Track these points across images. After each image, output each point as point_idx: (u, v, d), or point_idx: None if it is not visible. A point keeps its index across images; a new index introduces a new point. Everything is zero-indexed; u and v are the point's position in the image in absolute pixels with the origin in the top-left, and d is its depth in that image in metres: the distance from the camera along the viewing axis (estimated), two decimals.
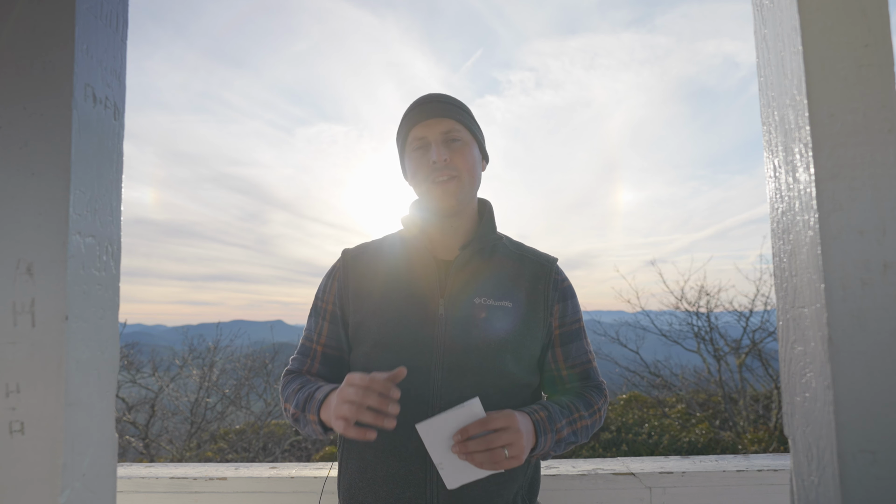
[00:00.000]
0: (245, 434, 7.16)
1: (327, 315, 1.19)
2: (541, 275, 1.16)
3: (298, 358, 1.21)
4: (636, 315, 8.33)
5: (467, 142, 1.12)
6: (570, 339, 1.18)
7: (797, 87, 0.47)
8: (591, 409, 1.14)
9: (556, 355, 1.18)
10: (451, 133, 1.10)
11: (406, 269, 1.14)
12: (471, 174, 1.11)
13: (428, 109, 1.11)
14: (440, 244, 1.16)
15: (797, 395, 0.48)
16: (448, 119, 1.10)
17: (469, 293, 1.10)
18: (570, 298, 1.19)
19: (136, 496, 1.61)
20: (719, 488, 1.59)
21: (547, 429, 1.02)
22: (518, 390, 1.11)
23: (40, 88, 0.44)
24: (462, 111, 1.14)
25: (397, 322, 1.09)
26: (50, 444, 0.42)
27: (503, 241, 1.20)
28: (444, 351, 1.06)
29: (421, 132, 1.11)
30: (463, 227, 1.16)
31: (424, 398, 1.05)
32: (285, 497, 1.59)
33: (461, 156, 1.10)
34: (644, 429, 6.78)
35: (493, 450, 0.91)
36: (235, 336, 8.93)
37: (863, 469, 0.42)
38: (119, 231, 0.50)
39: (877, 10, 0.46)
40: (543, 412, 1.04)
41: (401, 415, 1.02)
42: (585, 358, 1.20)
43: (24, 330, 0.43)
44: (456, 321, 1.08)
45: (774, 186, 0.51)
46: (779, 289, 0.51)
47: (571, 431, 1.09)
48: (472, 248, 1.13)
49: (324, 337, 1.18)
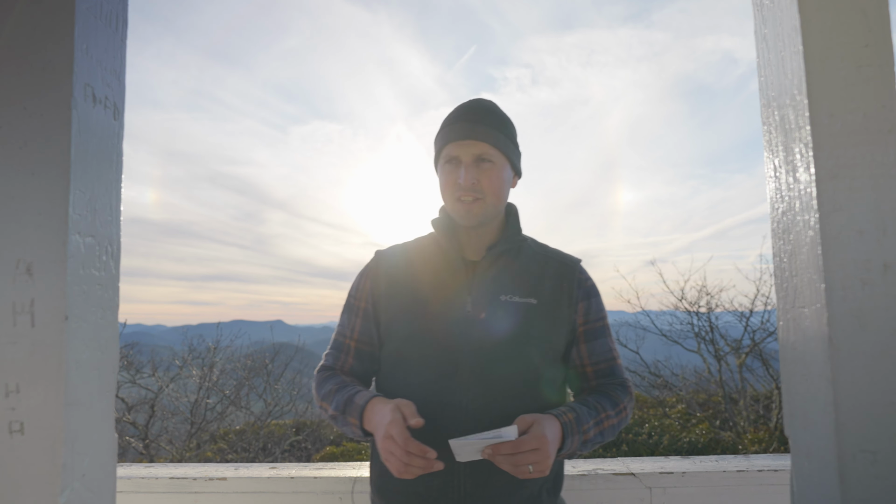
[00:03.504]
0: (245, 434, 7.16)
1: (360, 312, 1.24)
2: (565, 274, 1.21)
3: (332, 353, 1.27)
4: (636, 315, 8.33)
5: (498, 164, 1.15)
6: (595, 336, 1.22)
7: (797, 87, 0.47)
8: (618, 408, 1.17)
9: (581, 352, 1.22)
10: (482, 155, 1.14)
11: (435, 269, 1.19)
12: (496, 196, 1.15)
13: (465, 130, 1.15)
14: (468, 245, 1.21)
15: (797, 396, 0.48)
16: (482, 143, 1.13)
17: (495, 291, 1.15)
18: (593, 297, 1.23)
19: (136, 496, 1.61)
20: (719, 488, 1.59)
21: (574, 430, 1.05)
22: (543, 383, 1.15)
23: (40, 88, 0.44)
24: (499, 133, 1.16)
25: (427, 319, 1.14)
26: (50, 444, 0.42)
27: (528, 242, 1.25)
28: (472, 346, 1.11)
29: (454, 151, 1.15)
30: (490, 230, 1.21)
31: (452, 390, 1.09)
32: (285, 497, 1.59)
33: (489, 178, 1.14)
34: (644, 429, 6.78)
35: (520, 466, 0.95)
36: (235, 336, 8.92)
37: (863, 469, 0.42)
38: (119, 231, 0.49)
39: (877, 10, 0.46)
40: (571, 414, 1.07)
41: (429, 406, 1.08)
42: (610, 355, 1.23)
43: (24, 330, 0.42)
44: (483, 318, 1.12)
45: (775, 186, 0.51)
46: (779, 289, 0.51)
47: (598, 432, 1.12)
48: (499, 249, 1.18)
49: (357, 333, 1.24)
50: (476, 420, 1.08)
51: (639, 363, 8.19)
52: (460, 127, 1.15)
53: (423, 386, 1.11)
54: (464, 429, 1.07)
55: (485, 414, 1.08)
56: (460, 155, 1.14)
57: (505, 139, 1.17)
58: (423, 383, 1.12)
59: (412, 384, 1.13)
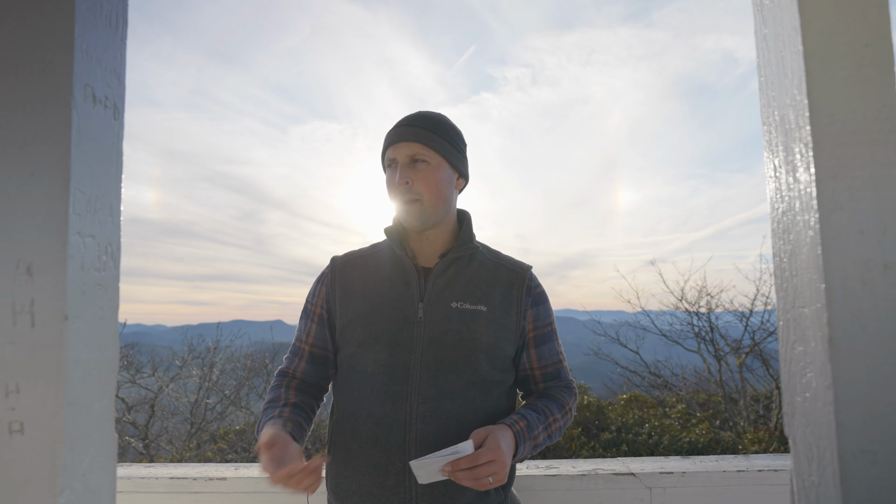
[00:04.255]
0: (245, 434, 7.16)
1: (315, 318, 1.28)
2: (515, 281, 1.24)
3: (289, 357, 1.32)
4: (636, 315, 8.34)
5: (433, 164, 1.18)
6: (543, 341, 1.27)
7: (797, 87, 0.47)
8: (563, 410, 1.24)
9: (531, 356, 1.27)
10: (416, 155, 1.17)
11: (389, 276, 1.22)
12: (434, 195, 1.18)
13: (399, 132, 1.19)
14: (420, 253, 1.24)
15: (797, 396, 0.48)
16: (415, 143, 1.17)
17: (446, 298, 1.18)
18: (542, 303, 1.27)
19: (136, 496, 1.61)
20: (719, 488, 1.59)
21: (526, 437, 1.11)
22: (492, 387, 1.19)
23: (40, 88, 0.44)
24: (433, 134, 1.19)
25: (381, 325, 1.17)
26: (50, 445, 0.42)
27: (480, 249, 1.28)
28: (423, 351, 1.15)
29: (392, 154, 1.20)
30: (441, 237, 1.24)
31: (404, 394, 1.13)
32: (285, 497, 1.59)
33: (423, 178, 1.17)
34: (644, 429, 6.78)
35: (480, 479, 0.98)
36: (235, 336, 8.92)
37: (863, 469, 0.42)
38: (119, 231, 0.49)
39: (877, 10, 0.46)
40: (523, 422, 1.13)
41: (382, 409, 1.13)
42: (557, 359, 1.30)
43: (24, 330, 0.42)
44: (434, 324, 1.16)
45: (775, 186, 0.51)
46: (779, 289, 0.51)
47: (547, 435, 1.18)
48: (451, 257, 1.21)
49: (311, 338, 1.28)
50: (427, 424, 1.11)
51: (639, 363, 8.19)
52: (396, 132, 1.20)
53: (375, 391, 1.15)
54: (415, 435, 1.11)
55: (435, 418, 1.12)
56: (397, 156, 1.18)
57: (441, 140, 1.19)
58: (375, 388, 1.15)
59: (364, 389, 1.16)
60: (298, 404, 1.21)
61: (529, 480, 1.60)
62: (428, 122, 1.20)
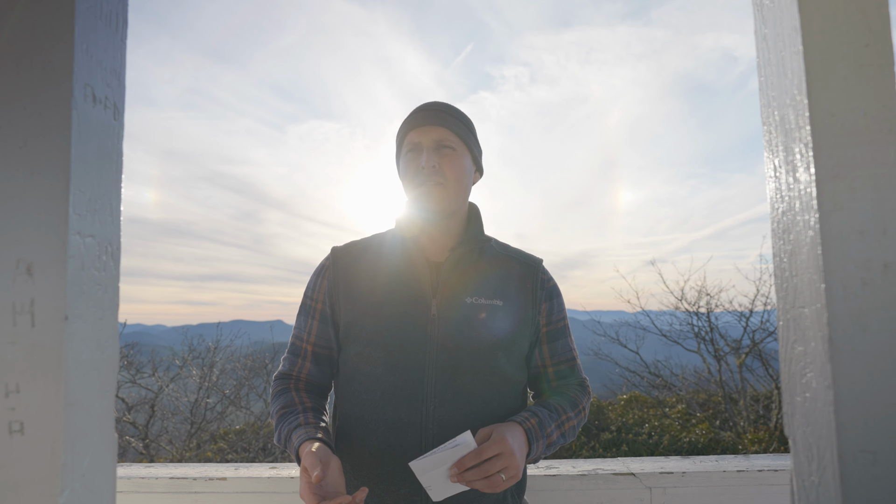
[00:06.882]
0: (245, 434, 7.16)
1: (317, 314, 1.19)
2: (528, 274, 1.19)
3: (289, 357, 1.21)
4: (636, 315, 8.33)
5: (459, 151, 1.14)
6: (557, 336, 1.22)
7: (797, 87, 0.47)
8: (577, 409, 1.17)
9: (543, 352, 1.21)
10: (443, 141, 1.12)
11: (398, 269, 1.15)
12: (458, 182, 1.13)
13: (426, 116, 1.14)
14: (431, 245, 1.18)
15: (797, 396, 0.48)
16: (442, 128, 1.13)
17: (461, 293, 1.12)
18: (556, 297, 1.22)
19: (136, 496, 1.61)
20: (719, 488, 1.59)
21: (538, 435, 1.05)
22: (509, 387, 1.13)
23: (40, 88, 0.44)
24: (459, 122, 1.16)
25: (391, 322, 1.10)
26: (50, 445, 0.42)
27: (491, 242, 1.23)
28: (438, 350, 1.08)
29: (416, 137, 1.14)
30: (453, 229, 1.18)
31: (419, 397, 1.06)
32: (285, 497, 1.59)
33: (450, 164, 1.12)
34: (644, 429, 6.78)
35: (491, 476, 0.93)
36: (235, 336, 8.92)
37: (863, 469, 0.42)
38: (119, 231, 0.49)
39: (877, 10, 0.46)
40: (534, 419, 1.06)
41: (396, 413, 1.06)
42: (570, 355, 1.24)
43: (24, 330, 0.42)
44: (449, 321, 1.10)
45: (775, 186, 0.51)
46: (779, 289, 0.51)
47: (560, 434, 1.11)
48: (462, 250, 1.15)
49: (314, 336, 1.19)
50: (444, 428, 1.05)
51: (639, 363, 8.19)
52: (421, 115, 1.14)
53: (386, 394, 1.07)
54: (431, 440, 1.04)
55: (451, 419, 1.05)
56: (422, 140, 1.13)
57: (465, 129, 1.16)
58: (387, 388, 1.07)
59: (373, 392, 1.09)
60: (317, 408, 1.11)
61: (529, 480, 1.60)
62: (452, 110, 1.16)
